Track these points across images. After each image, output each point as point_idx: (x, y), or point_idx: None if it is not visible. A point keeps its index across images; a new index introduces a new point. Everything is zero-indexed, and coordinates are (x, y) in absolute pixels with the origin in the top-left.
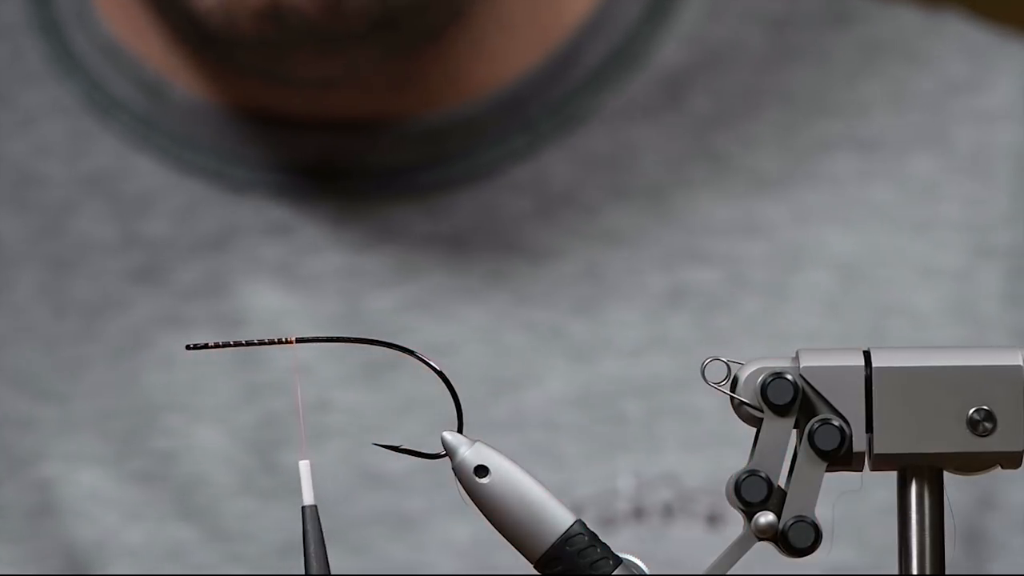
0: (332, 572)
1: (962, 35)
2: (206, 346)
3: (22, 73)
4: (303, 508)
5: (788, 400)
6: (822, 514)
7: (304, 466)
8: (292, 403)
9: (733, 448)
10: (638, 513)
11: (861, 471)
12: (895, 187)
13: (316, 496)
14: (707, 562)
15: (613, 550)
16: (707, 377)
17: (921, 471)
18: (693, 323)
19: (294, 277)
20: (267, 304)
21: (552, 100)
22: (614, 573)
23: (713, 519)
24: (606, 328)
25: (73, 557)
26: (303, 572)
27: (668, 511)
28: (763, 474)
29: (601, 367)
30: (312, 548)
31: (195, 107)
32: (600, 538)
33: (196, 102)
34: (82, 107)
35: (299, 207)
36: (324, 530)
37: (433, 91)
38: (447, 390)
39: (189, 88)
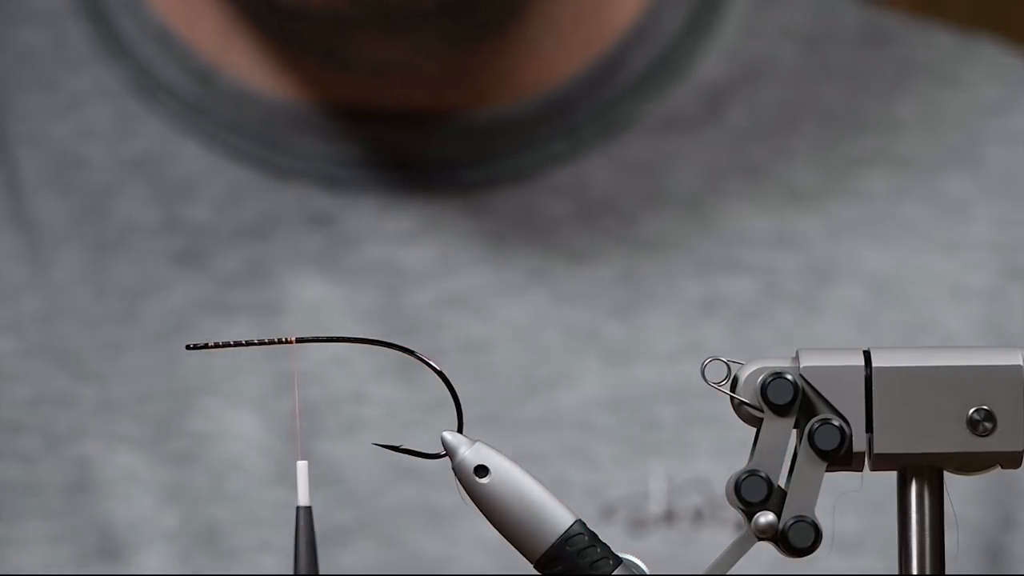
0: (363, 565)
1: (995, 59)
2: (206, 346)
3: (67, 58)
4: (298, 508)
5: (788, 400)
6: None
7: (302, 467)
8: (328, 393)
9: None
10: (669, 517)
11: (861, 471)
12: (927, 205)
13: (350, 487)
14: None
15: (642, 553)
16: (707, 377)
17: (921, 471)
18: (727, 332)
19: (335, 269)
20: (307, 295)
21: (596, 106)
22: (614, 573)
23: (742, 526)
24: (641, 332)
25: (108, 536)
26: (292, 571)
27: (698, 516)
28: (763, 474)
29: (636, 371)
30: (303, 548)
31: (245, 94)
32: (599, 537)
33: (246, 89)
34: (128, 91)
35: (343, 198)
36: (356, 521)
37: (484, 88)
38: (450, 389)
39: (240, 75)
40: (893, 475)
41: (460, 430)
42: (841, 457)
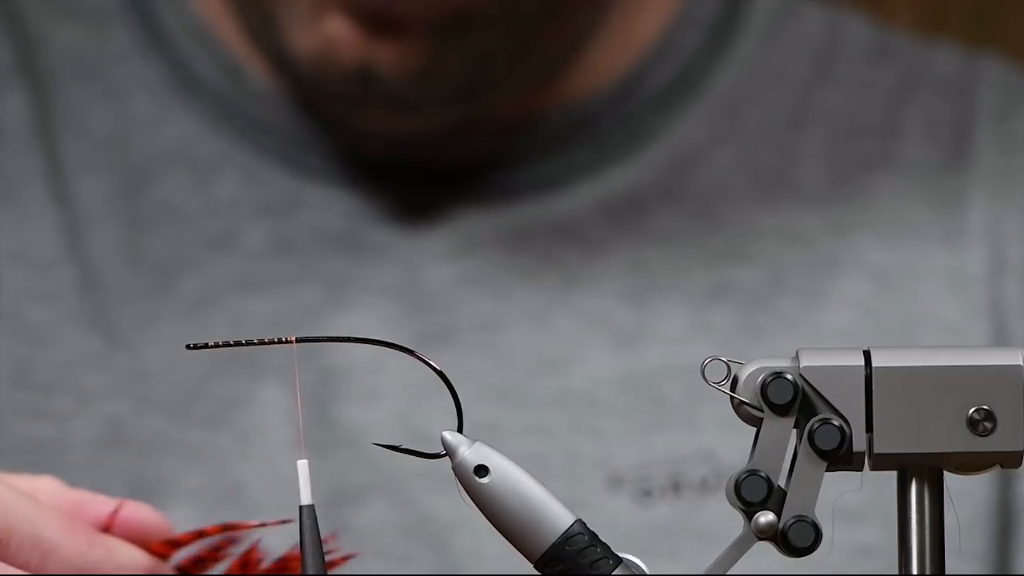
0: (377, 524)
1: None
2: (206, 345)
3: (112, 53)
4: (300, 507)
5: (788, 400)
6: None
7: (302, 466)
8: (348, 362)
9: None
10: (676, 487)
11: (861, 471)
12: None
13: (366, 449)
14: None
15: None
16: (707, 377)
17: (921, 471)
18: (734, 319)
19: (354, 247)
20: (327, 269)
21: (619, 118)
22: (614, 573)
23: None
24: (651, 317)
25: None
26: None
27: (704, 486)
28: (763, 474)
29: (646, 353)
30: (309, 548)
31: (269, 93)
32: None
33: (271, 89)
34: (165, 84)
35: (363, 193)
36: (371, 481)
37: (508, 104)
38: (450, 389)
39: (264, 75)
40: None
41: (460, 430)
42: (841, 457)
